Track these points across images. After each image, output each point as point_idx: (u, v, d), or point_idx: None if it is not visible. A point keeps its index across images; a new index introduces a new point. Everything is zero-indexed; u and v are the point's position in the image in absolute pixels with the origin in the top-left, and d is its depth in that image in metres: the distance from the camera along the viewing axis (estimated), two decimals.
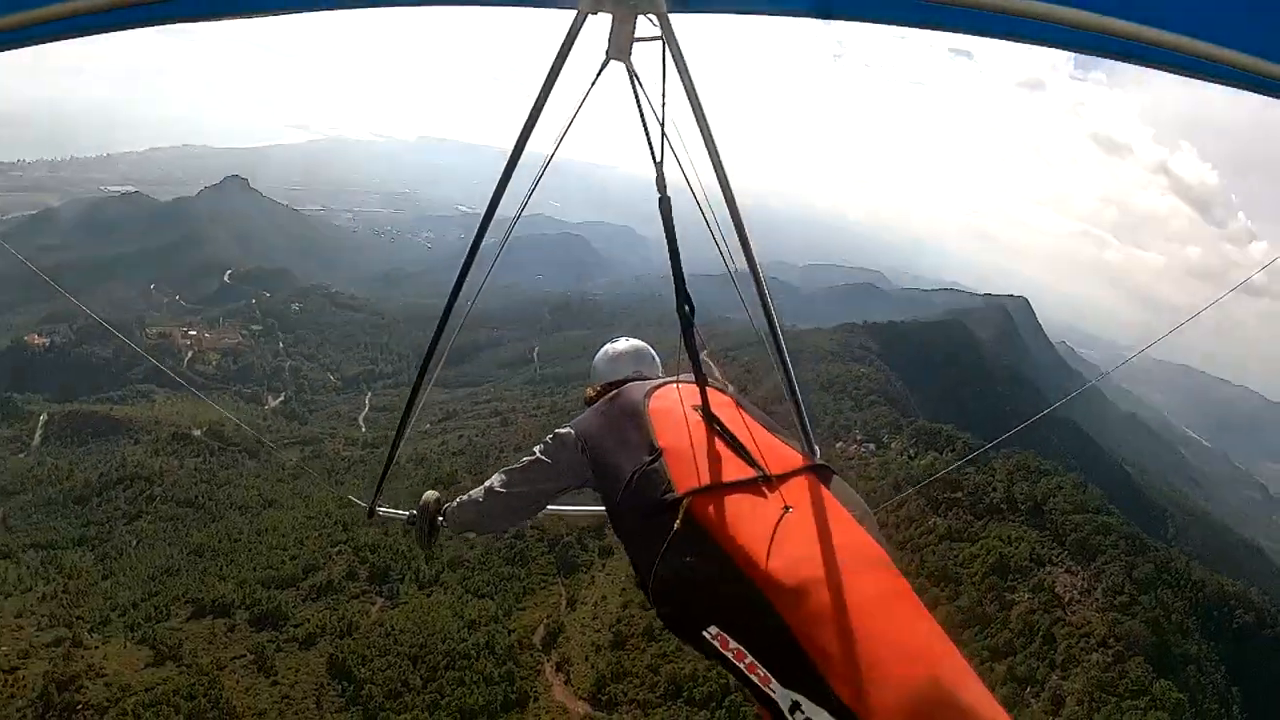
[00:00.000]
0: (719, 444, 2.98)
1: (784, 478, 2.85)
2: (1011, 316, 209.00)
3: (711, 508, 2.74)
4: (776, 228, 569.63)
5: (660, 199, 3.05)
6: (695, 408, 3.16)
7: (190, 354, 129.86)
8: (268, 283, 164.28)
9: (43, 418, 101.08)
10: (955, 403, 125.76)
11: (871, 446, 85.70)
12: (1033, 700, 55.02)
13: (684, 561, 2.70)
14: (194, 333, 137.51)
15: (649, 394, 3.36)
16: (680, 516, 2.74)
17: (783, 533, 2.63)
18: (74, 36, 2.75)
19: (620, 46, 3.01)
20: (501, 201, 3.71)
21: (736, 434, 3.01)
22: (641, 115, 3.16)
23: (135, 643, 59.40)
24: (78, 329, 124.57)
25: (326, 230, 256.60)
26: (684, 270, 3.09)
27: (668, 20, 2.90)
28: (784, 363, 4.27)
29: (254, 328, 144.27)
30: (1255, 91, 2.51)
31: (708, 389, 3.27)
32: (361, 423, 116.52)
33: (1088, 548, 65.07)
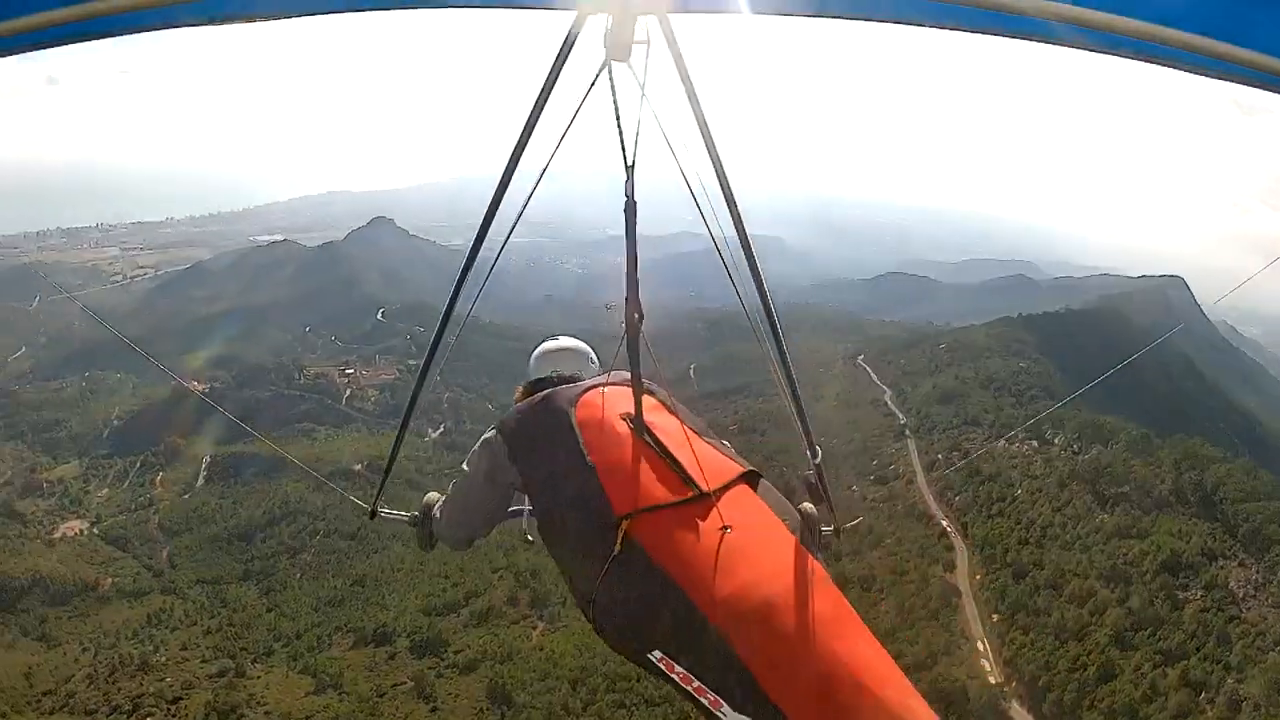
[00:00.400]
0: (654, 459, 3.04)
1: (721, 492, 2.93)
2: (1169, 298, 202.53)
3: (651, 530, 2.80)
4: (922, 227, 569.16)
5: (627, 203, 3.11)
6: (624, 416, 3.21)
7: (349, 392, 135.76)
8: (420, 318, 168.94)
9: (206, 459, 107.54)
10: (1118, 392, 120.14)
11: (1034, 443, 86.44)
12: (1207, 707, 53.21)
13: (625, 585, 2.76)
14: (350, 371, 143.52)
15: (574, 401, 3.34)
16: (620, 540, 2.78)
17: (724, 554, 2.70)
18: (84, 40, 2.76)
19: (620, 48, 3.03)
20: (504, 200, 3.65)
21: (670, 446, 3.07)
22: (618, 117, 3.20)
23: (297, 672, 62.88)
24: (236, 374, 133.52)
25: (477, 264, 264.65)
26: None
27: (668, 21, 2.93)
28: (782, 357, 4.14)
29: (410, 362, 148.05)
30: (1270, 90, 2.54)
31: (644, 395, 3.31)
32: None
33: (1262, 538, 64.21)
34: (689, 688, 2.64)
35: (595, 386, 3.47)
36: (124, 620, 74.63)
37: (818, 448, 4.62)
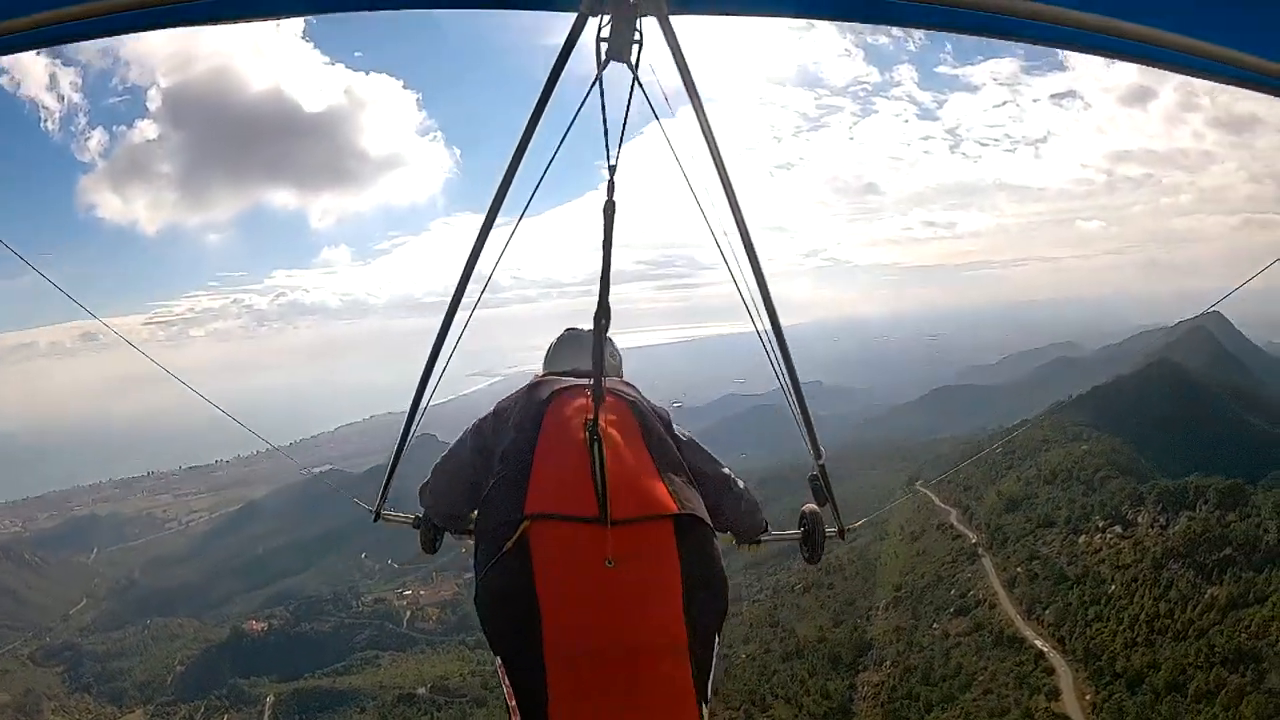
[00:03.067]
0: (587, 470, 2.94)
1: (627, 524, 2.81)
2: (1214, 336, 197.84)
3: (545, 537, 2.79)
4: (957, 335, 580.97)
5: (606, 203, 3.08)
6: (588, 422, 3.10)
7: (409, 613, 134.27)
8: None
9: (270, 699, 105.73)
10: (1193, 448, 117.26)
11: (1118, 529, 79.99)
12: None
13: (502, 582, 2.79)
14: (409, 592, 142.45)
15: (555, 395, 3.34)
16: (515, 537, 2.79)
17: (593, 589, 2.68)
18: (84, 39, 2.82)
19: (621, 48, 3.03)
20: (503, 199, 3.72)
21: (611, 461, 2.95)
22: (605, 116, 3.17)
23: None
24: (293, 609, 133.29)
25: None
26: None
27: (668, 22, 2.94)
28: (788, 363, 4.16)
29: (467, 576, 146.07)
30: (1258, 90, 2.58)
31: (617, 402, 3.29)
32: None
33: None
34: (510, 704, 2.69)
35: (581, 385, 3.39)
36: None
37: (822, 449, 4.57)
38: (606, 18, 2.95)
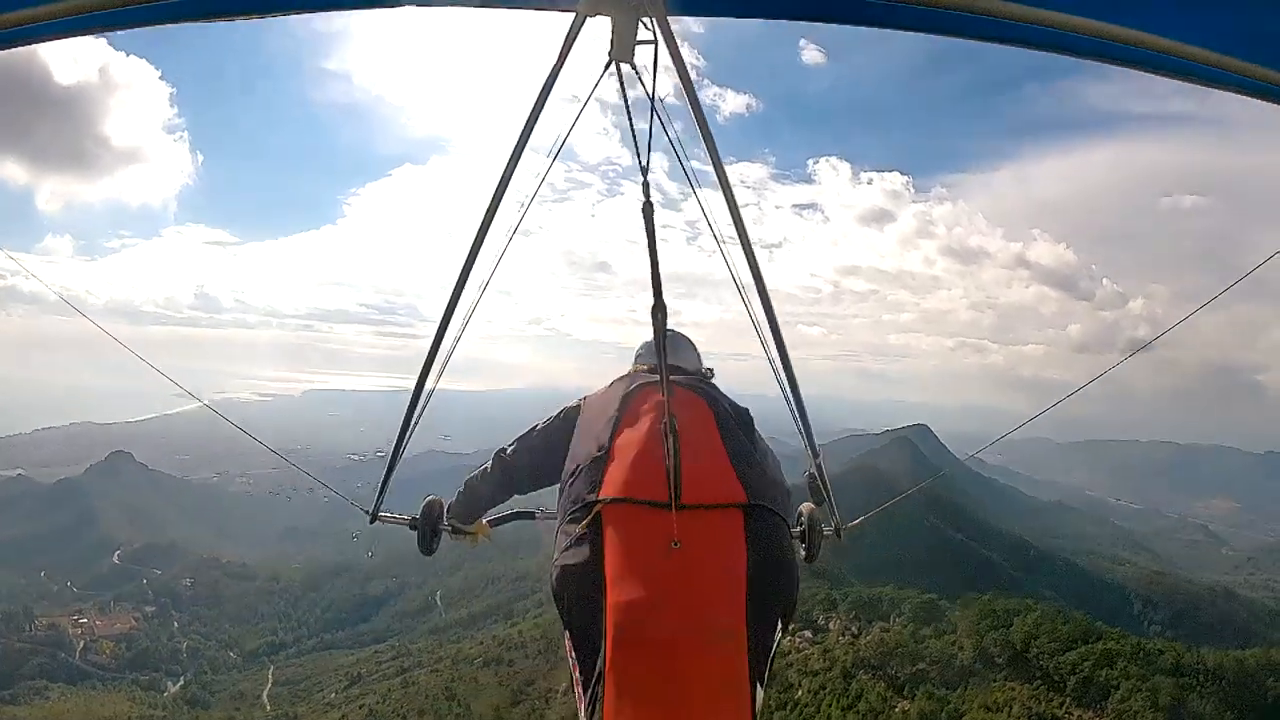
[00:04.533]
0: (661, 457, 3.12)
1: (696, 510, 3.00)
2: (916, 446, 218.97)
3: (617, 520, 3.00)
4: None
5: (644, 204, 3.01)
6: (665, 412, 3.25)
7: (82, 644, 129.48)
8: (158, 559, 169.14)
9: None
10: (886, 554, 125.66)
11: (809, 634, 76.56)
12: None
13: (574, 563, 3.00)
14: (85, 620, 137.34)
15: (639, 388, 3.61)
16: (589, 519, 3.03)
17: (658, 572, 2.84)
18: (79, 35, 2.89)
19: (621, 49, 3.10)
20: (501, 209, 3.71)
21: (684, 450, 3.12)
22: (630, 118, 3.35)
23: None
24: None
25: (220, 497, 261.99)
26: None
27: (667, 22, 2.98)
28: (785, 363, 4.43)
29: (147, 609, 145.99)
30: (1250, 96, 2.73)
31: (694, 397, 3.55)
32: (266, 700, 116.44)
33: (1096, 687, 58.19)
34: (574, 674, 2.90)
35: (656, 383, 3.54)
36: None
37: (818, 448, 4.84)
38: (607, 18, 3.00)
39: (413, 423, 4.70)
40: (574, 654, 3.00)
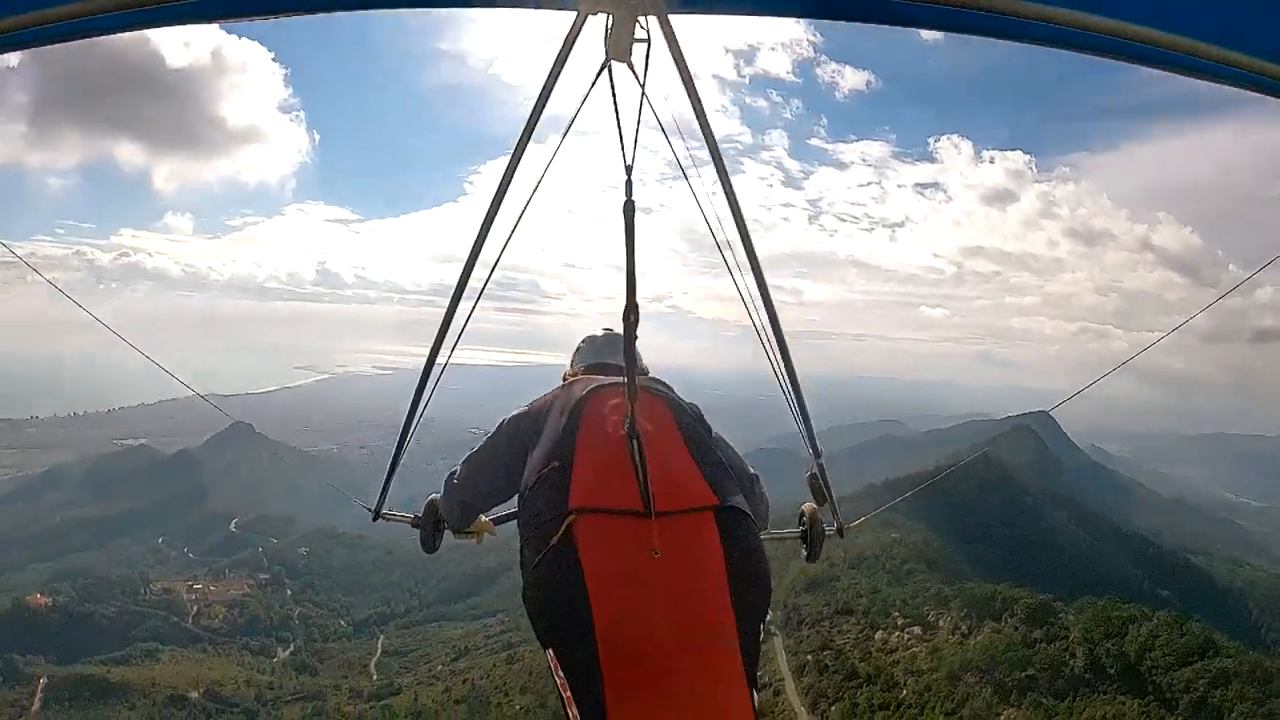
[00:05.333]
0: (628, 464, 3.01)
1: (671, 516, 2.91)
2: (1038, 435, 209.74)
3: (591, 531, 2.87)
4: (782, 400, 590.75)
5: (626, 202, 2.97)
6: (626, 417, 3.16)
7: (196, 608, 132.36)
8: (274, 529, 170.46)
9: (43, 681, 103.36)
10: (1004, 549, 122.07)
11: (918, 630, 74.51)
12: None
13: (550, 577, 2.87)
14: (199, 586, 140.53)
15: (594, 391, 3.46)
16: (561, 531, 2.88)
17: (641, 580, 2.76)
18: (81, 38, 2.87)
19: (620, 48, 3.08)
20: (502, 204, 3.71)
21: (650, 456, 3.01)
22: (617, 117, 3.23)
23: None
24: (80, 588, 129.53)
25: (338, 468, 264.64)
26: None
27: (668, 21, 2.98)
28: (786, 362, 4.43)
29: (261, 576, 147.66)
30: (1257, 91, 2.70)
31: (652, 399, 3.42)
32: (373, 669, 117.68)
33: (1209, 710, 54.29)
34: (563, 695, 2.73)
35: (619, 384, 3.45)
36: None
37: (820, 448, 4.77)
38: (607, 17, 2.99)
39: (415, 421, 4.88)
40: (561, 672, 2.80)
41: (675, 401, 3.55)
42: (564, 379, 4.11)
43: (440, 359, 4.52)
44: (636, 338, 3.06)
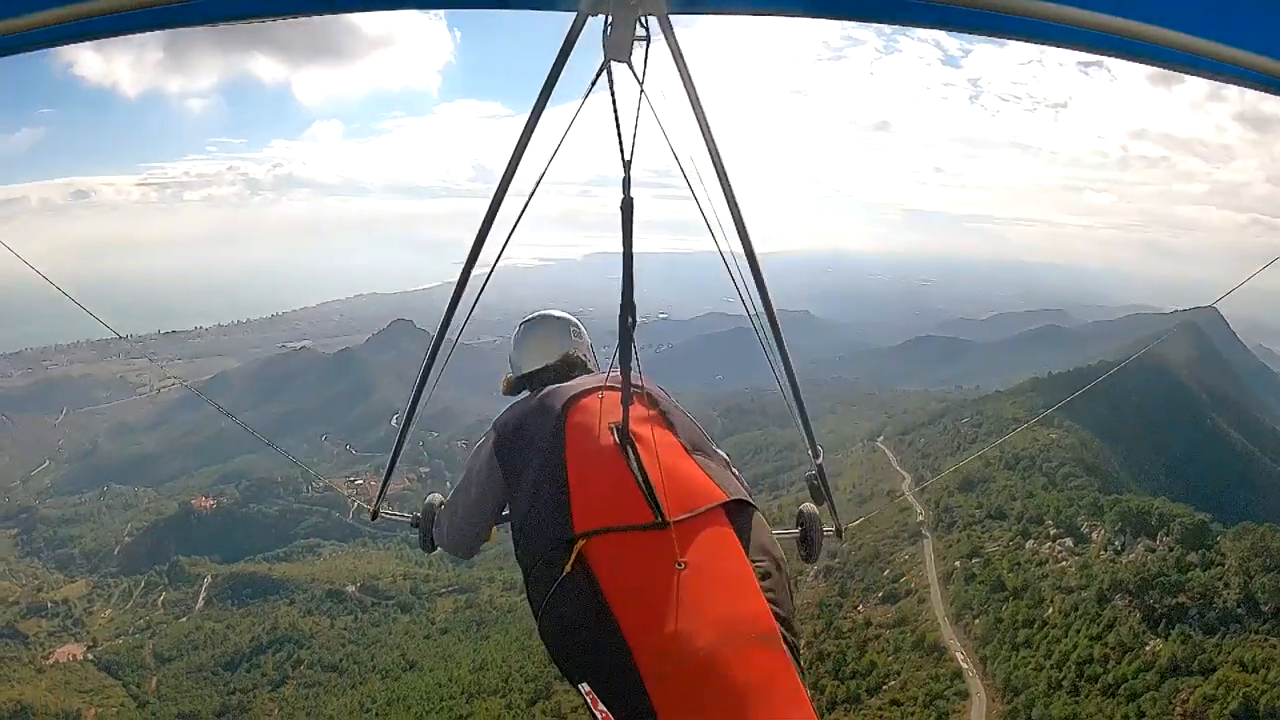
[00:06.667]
0: (628, 476, 2.88)
1: (685, 521, 2.74)
2: (1204, 333, 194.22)
3: (604, 553, 2.67)
4: (951, 285, 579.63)
5: (624, 200, 2.99)
6: (614, 425, 3.08)
7: (356, 503, 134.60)
8: (435, 423, 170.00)
9: (207, 580, 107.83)
10: (1165, 457, 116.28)
11: (1069, 542, 68.96)
12: None
13: (569, 607, 2.64)
14: (359, 481, 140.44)
15: (571, 402, 3.26)
16: (572, 559, 2.67)
17: (670, 592, 2.55)
18: (84, 40, 2.80)
19: (620, 47, 2.95)
20: (502, 202, 3.69)
21: (649, 463, 2.90)
22: (617, 117, 3.07)
23: None
24: (243, 489, 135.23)
25: (500, 361, 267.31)
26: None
27: (668, 21, 2.92)
28: (784, 358, 4.20)
29: (421, 470, 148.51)
30: (1265, 90, 2.57)
31: (634, 404, 3.15)
32: None
33: None
34: None
35: (596, 389, 3.33)
36: None
37: (819, 448, 4.57)
38: (607, 16, 2.92)
39: (414, 419, 5.04)
40: (601, 706, 2.59)
41: (651, 391, 3.37)
42: (508, 392, 4.01)
43: (440, 360, 4.60)
44: (573, 324, 3.28)
